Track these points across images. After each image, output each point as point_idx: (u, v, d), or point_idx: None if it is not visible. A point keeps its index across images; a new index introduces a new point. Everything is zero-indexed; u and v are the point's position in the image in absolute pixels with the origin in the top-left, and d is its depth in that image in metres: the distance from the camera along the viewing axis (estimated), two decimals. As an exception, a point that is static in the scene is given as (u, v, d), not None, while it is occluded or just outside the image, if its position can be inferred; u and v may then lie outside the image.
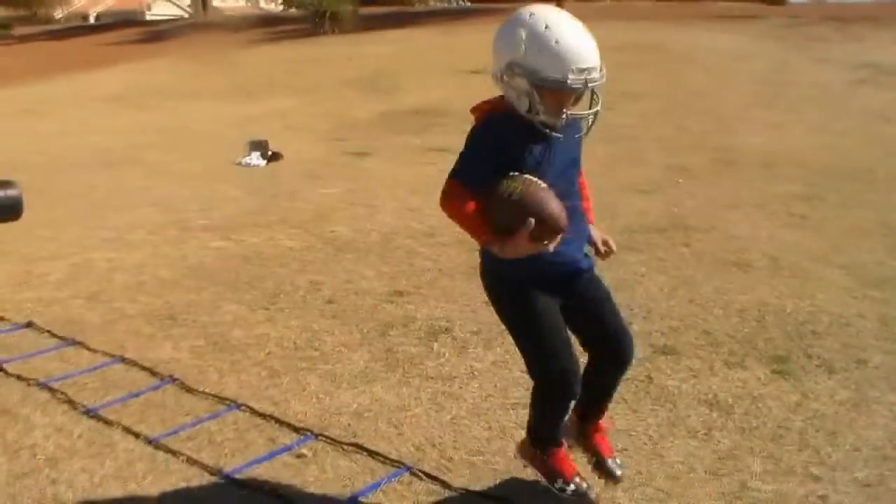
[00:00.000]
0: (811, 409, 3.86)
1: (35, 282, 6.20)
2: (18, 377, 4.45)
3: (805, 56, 17.72)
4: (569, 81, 2.58)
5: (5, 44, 33.58)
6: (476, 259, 3.05)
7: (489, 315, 5.10)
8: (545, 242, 2.60)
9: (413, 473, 3.39)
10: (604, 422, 3.24)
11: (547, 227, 2.57)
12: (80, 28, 39.83)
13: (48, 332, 5.13)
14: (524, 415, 3.78)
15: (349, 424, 3.86)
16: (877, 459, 3.43)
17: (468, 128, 2.82)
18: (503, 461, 3.49)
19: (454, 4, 40.48)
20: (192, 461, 3.56)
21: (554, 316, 2.88)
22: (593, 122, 2.79)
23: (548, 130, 2.68)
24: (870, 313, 5.08)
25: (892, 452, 3.48)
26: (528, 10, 2.66)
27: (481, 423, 3.84)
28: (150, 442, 3.73)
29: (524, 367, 4.27)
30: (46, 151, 12.18)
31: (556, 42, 2.57)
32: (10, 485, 3.42)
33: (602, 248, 3.09)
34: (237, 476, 3.44)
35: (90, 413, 4.02)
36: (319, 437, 3.73)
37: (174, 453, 3.63)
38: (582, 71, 2.58)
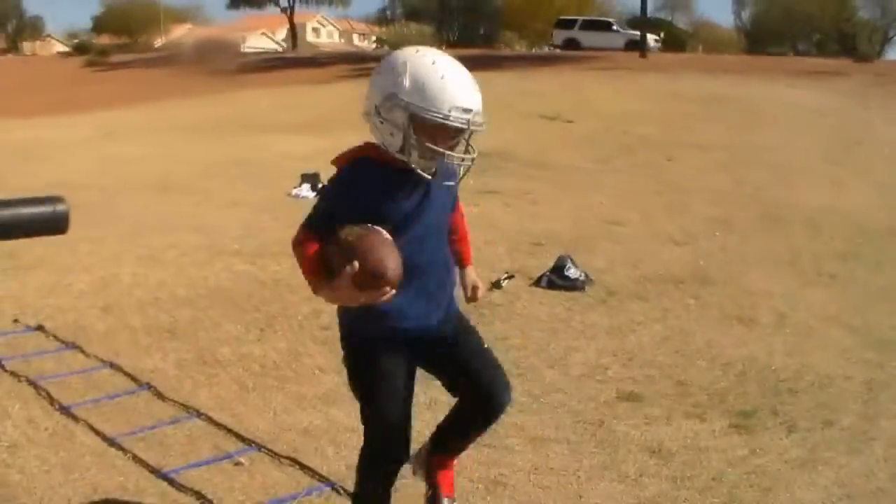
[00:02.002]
0: (753, 465, 3.80)
1: (60, 290, 6.51)
2: (12, 373, 4.76)
3: (884, 115, 17.32)
4: (451, 118, 2.45)
5: (100, 70, 35.10)
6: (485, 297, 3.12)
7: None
8: (372, 294, 2.43)
9: (335, 489, 3.48)
10: (454, 462, 3.11)
11: (369, 276, 2.40)
12: (177, 57, 41.32)
13: (54, 336, 5.44)
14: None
15: (294, 440, 4.00)
16: (801, 520, 3.37)
17: (529, 171, 2.86)
18: (422, 486, 3.53)
19: (543, 50, 40.75)
20: (137, 459, 3.77)
21: (395, 381, 2.70)
22: (466, 172, 2.66)
23: (420, 173, 2.53)
24: (858, 375, 4.96)
25: (820, 514, 3.41)
26: (415, 47, 2.59)
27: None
28: (105, 439, 3.96)
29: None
30: (112, 174, 12.74)
31: (442, 77, 2.46)
32: (-33, 466, 3.69)
33: (469, 293, 3.02)
34: (171, 476, 3.61)
35: (63, 410, 4.28)
36: (262, 449, 3.88)
37: (124, 451, 3.84)
38: (465, 111, 2.46)
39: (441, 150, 2.51)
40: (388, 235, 2.48)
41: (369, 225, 2.49)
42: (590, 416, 4.29)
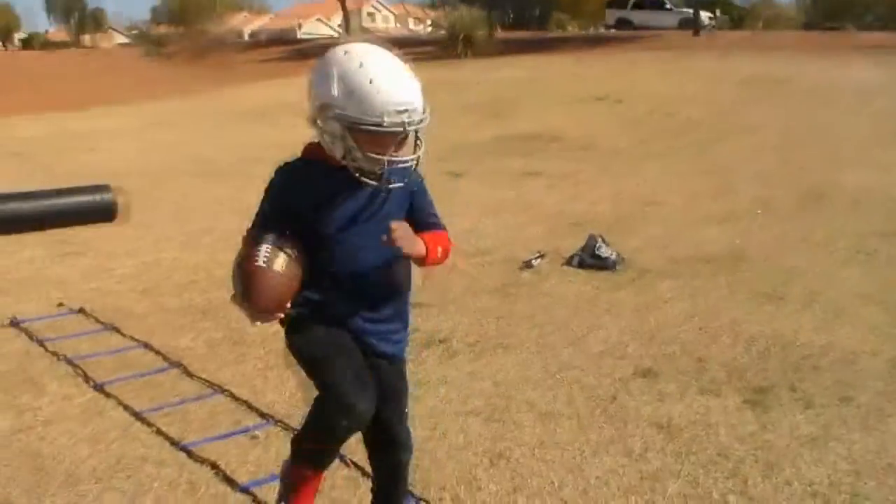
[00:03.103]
0: (762, 440, 3.79)
1: (104, 275, 6.74)
2: (53, 353, 4.99)
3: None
4: (384, 123, 2.35)
5: (157, 60, 35.69)
6: (509, 277, 3.07)
7: (494, 329, 5.31)
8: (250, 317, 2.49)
9: (343, 461, 3.57)
10: None
11: (239, 299, 2.49)
12: (230, 45, 41.81)
13: (94, 318, 5.65)
14: (471, 422, 3.95)
15: (308, 415, 4.09)
16: (803, 496, 3.35)
17: (574, 153, 2.77)
18: (428, 459, 3.61)
19: (594, 30, 40.33)
20: (159, 432, 3.94)
21: (344, 342, 2.60)
22: (415, 169, 2.54)
23: (365, 180, 2.44)
24: (885, 352, 4.88)
25: (824, 490, 3.39)
26: (343, 48, 2.45)
27: (428, 424, 3.97)
28: (133, 414, 4.13)
29: (497, 380, 4.48)
30: (159, 161, 13.05)
31: (371, 81, 2.34)
32: (6, 435, 3.97)
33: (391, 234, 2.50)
34: (190, 448, 3.75)
35: (96, 387, 4.48)
36: (278, 423, 3.99)
37: (149, 425, 4.02)
38: (400, 112, 2.35)
39: (381, 157, 2.40)
40: (280, 262, 2.44)
41: (259, 247, 2.45)
42: (603, 393, 4.32)
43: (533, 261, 6.85)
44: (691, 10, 33.37)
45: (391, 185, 2.48)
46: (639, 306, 5.78)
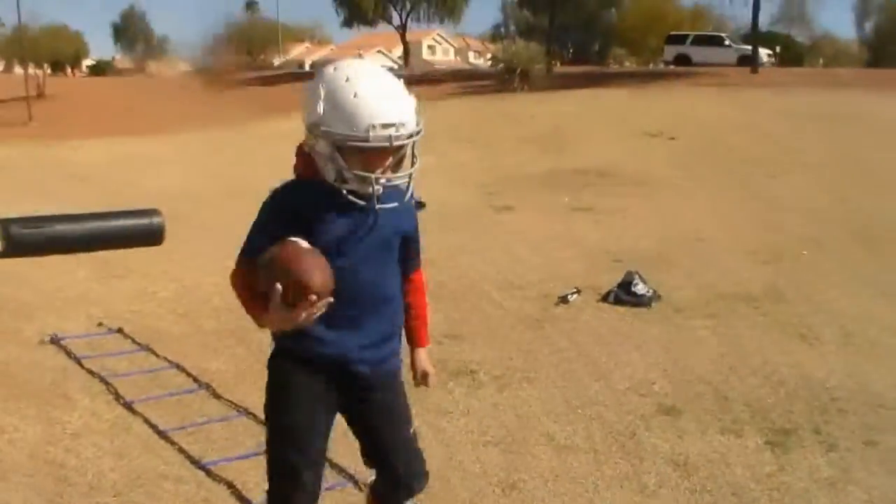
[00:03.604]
0: (778, 482, 3.76)
1: (146, 297, 6.92)
2: (88, 371, 5.14)
3: None
4: (370, 139, 2.29)
5: (219, 88, 36.35)
6: (544, 311, 3.06)
7: (521, 362, 5.34)
8: (304, 308, 2.27)
9: (357, 486, 3.61)
10: None
11: (296, 290, 2.25)
12: (291, 74, 42.55)
13: (132, 339, 5.80)
14: (488, 451, 3.98)
15: (331, 438, 4.14)
16: (815, 537, 3.33)
17: (626, 189, 2.76)
18: (440, 486, 3.65)
19: (653, 66, 40.22)
20: (181, 450, 4.05)
21: (307, 412, 2.53)
22: (409, 187, 2.47)
23: (355, 200, 2.37)
24: (917, 398, 4.81)
25: (838, 533, 3.36)
26: (333, 65, 2.41)
27: (445, 452, 4.02)
28: (157, 432, 4.25)
29: (519, 412, 4.50)
30: (212, 187, 13.33)
31: (355, 95, 2.30)
32: (35, 446, 4.12)
33: (418, 377, 2.81)
34: (209, 466, 3.85)
35: (125, 405, 4.61)
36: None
37: (172, 443, 4.13)
38: (386, 126, 2.29)
39: (370, 175, 2.34)
40: (307, 245, 2.33)
41: (290, 238, 2.33)
42: (622, 428, 4.32)
43: (569, 296, 6.87)
44: (750, 47, 33.10)
45: (382, 206, 2.40)
46: (669, 343, 5.75)
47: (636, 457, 4.00)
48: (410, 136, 2.36)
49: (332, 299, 2.31)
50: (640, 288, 6.83)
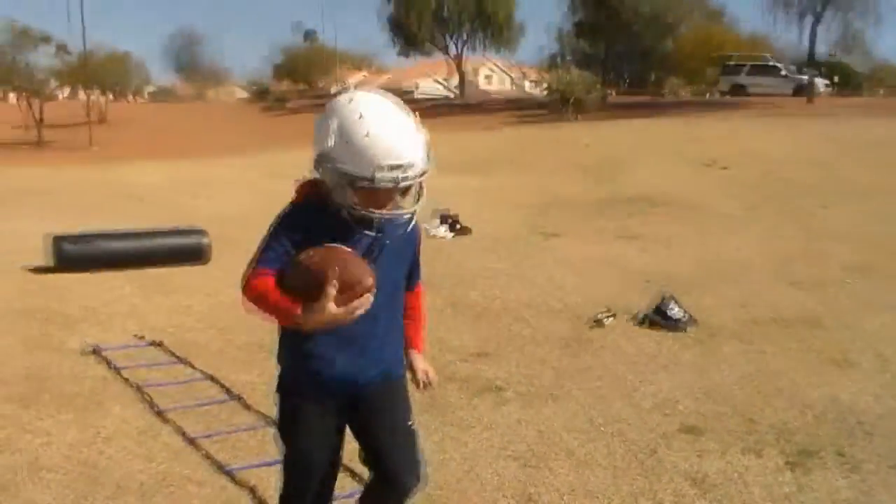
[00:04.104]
0: (796, 502, 3.75)
1: (186, 312, 7.12)
2: (125, 380, 5.34)
3: None
4: (376, 180, 2.34)
5: (276, 114, 37.14)
6: (576, 332, 3.08)
7: (549, 380, 5.39)
8: (352, 307, 2.36)
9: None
10: None
11: (347, 286, 2.34)
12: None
13: (170, 351, 5.98)
14: (508, 465, 4.04)
15: (354, 449, 4.23)
16: (828, 555, 3.32)
17: (674, 217, 2.83)
18: (457, 497, 3.71)
19: (711, 97, 39.99)
20: (207, 456, 4.19)
21: (316, 439, 2.64)
22: (412, 220, 2.53)
23: (364, 231, 2.45)
24: (949, 424, 4.75)
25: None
26: (349, 96, 2.45)
27: (464, 465, 4.08)
28: (186, 439, 4.40)
29: (542, 428, 4.55)
30: (263, 208, 13.51)
31: (367, 135, 2.33)
32: (70, 448, 4.31)
33: (421, 378, 2.79)
34: (233, 472, 3.97)
35: (158, 413, 4.77)
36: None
37: (199, 449, 4.27)
38: (393, 168, 2.33)
39: (374, 212, 2.41)
40: (347, 248, 2.42)
41: (326, 243, 2.42)
42: (643, 446, 4.34)
43: (603, 319, 6.89)
44: (806, 77, 32.83)
45: (386, 239, 2.50)
46: (699, 366, 5.75)
47: (654, 473, 4.02)
48: (416, 176, 2.41)
49: (373, 294, 2.39)
50: (674, 312, 6.82)
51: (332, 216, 2.44)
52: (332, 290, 2.31)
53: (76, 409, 4.79)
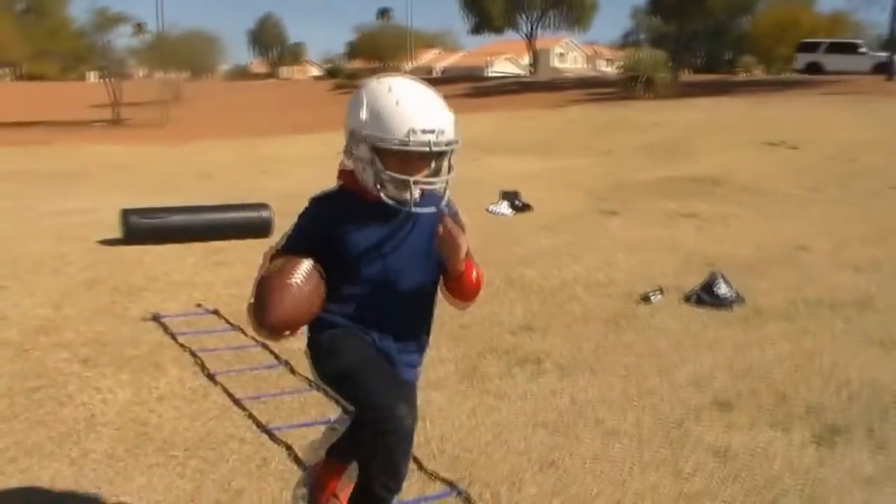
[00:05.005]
0: (815, 475, 3.81)
1: (245, 283, 7.25)
2: (181, 345, 5.62)
3: None
4: (410, 142, 2.41)
5: (348, 93, 37.54)
6: (624, 309, 3.13)
7: (589, 354, 5.51)
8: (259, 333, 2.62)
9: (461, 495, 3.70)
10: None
11: (254, 313, 2.61)
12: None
13: (225, 319, 6.24)
14: (536, 432, 4.19)
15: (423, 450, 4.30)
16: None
17: (737, 197, 2.84)
18: (484, 459, 3.88)
19: (785, 76, 39.10)
20: (251, 416, 4.43)
21: (363, 347, 2.64)
22: (445, 193, 2.55)
23: (391, 204, 2.50)
24: None
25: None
26: (376, 78, 2.57)
27: (494, 431, 4.24)
28: (232, 399, 4.66)
29: (575, 398, 4.68)
30: (324, 185, 13.82)
31: (397, 103, 2.43)
32: (124, 405, 4.62)
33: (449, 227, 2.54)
34: (273, 430, 4.21)
35: (209, 376, 5.04)
36: (358, 420, 4.35)
37: (244, 409, 4.51)
38: (426, 132, 2.41)
39: (406, 177, 2.45)
40: (297, 277, 2.52)
41: (293, 260, 2.56)
42: (672, 418, 4.44)
43: (651, 296, 6.95)
44: (887, 55, 31.88)
45: (419, 210, 2.50)
46: (741, 344, 5.79)
47: (678, 444, 4.12)
48: (449, 143, 2.47)
49: (286, 335, 2.58)
50: (722, 290, 6.85)
51: (362, 203, 2.56)
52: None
53: (133, 371, 5.09)
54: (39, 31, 42.15)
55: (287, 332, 2.56)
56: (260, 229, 9.18)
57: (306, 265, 2.54)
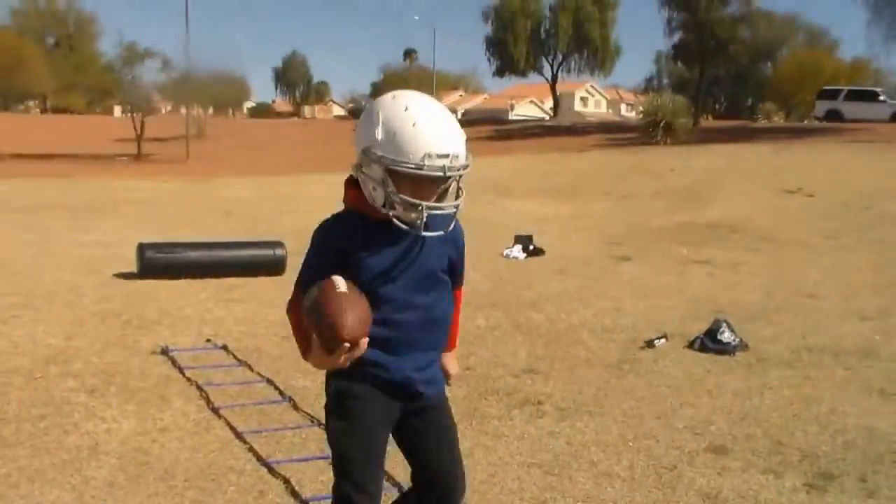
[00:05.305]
0: (804, 520, 3.86)
1: (255, 320, 7.51)
2: (188, 379, 5.75)
3: None
4: (425, 167, 2.37)
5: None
6: (628, 354, 3.24)
7: (589, 397, 5.56)
8: (340, 356, 2.42)
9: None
10: None
11: (325, 336, 2.39)
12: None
13: (233, 355, 6.36)
14: (530, 472, 4.25)
15: (389, 451, 4.48)
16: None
17: (751, 244, 2.91)
18: (476, 499, 3.94)
19: (806, 123, 39.19)
20: (251, 450, 4.52)
21: (369, 435, 2.62)
22: (454, 218, 2.55)
23: (401, 226, 2.46)
24: (983, 457, 4.75)
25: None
26: (392, 94, 2.51)
27: (489, 470, 4.31)
28: (234, 433, 4.76)
29: (571, 440, 4.74)
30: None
31: (414, 125, 2.38)
32: (127, 435, 4.73)
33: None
34: (272, 464, 4.30)
35: (213, 409, 5.15)
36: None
37: (245, 443, 4.61)
38: (441, 157, 2.37)
39: (419, 202, 2.42)
40: (342, 286, 2.43)
41: (331, 278, 2.46)
42: (666, 462, 4.49)
43: (655, 341, 7.01)
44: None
45: (429, 234, 2.49)
46: (741, 391, 5.83)
47: (670, 487, 4.17)
48: (462, 168, 2.45)
49: (366, 341, 2.44)
50: (725, 336, 6.90)
51: (371, 225, 2.53)
52: (314, 341, 2.43)
53: (139, 402, 5.21)
54: (68, 65, 42.92)
55: (364, 339, 2.45)
56: (274, 267, 9.33)
57: (338, 277, 2.47)
